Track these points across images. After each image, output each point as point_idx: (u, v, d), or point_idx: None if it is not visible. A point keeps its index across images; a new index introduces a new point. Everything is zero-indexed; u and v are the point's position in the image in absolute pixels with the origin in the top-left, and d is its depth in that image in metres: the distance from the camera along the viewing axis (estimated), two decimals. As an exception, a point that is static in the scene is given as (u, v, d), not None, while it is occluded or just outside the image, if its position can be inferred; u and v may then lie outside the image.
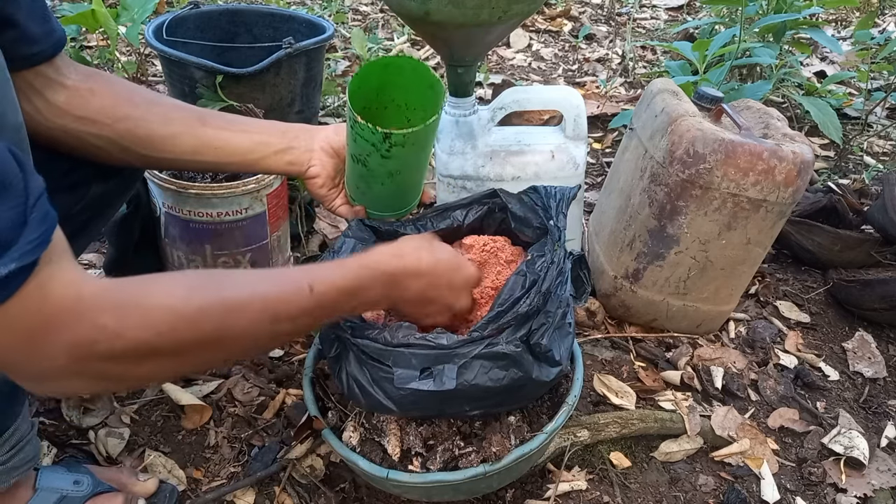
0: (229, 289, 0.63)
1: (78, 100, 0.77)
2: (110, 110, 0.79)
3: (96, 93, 0.79)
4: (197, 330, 0.58)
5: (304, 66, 1.58)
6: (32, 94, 0.75)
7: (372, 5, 3.11)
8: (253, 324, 0.62)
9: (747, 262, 1.18)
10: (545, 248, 0.83)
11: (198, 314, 0.58)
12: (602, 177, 1.83)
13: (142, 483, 0.93)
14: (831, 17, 3.19)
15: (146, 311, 0.55)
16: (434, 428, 0.84)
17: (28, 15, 0.70)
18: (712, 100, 1.17)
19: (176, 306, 0.57)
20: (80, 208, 0.84)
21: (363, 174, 0.85)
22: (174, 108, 0.85)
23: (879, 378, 1.28)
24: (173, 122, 0.83)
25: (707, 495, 1.04)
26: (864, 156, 2.03)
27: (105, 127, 0.79)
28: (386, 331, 0.75)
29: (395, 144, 0.77)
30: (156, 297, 0.57)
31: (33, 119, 0.75)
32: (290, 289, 0.65)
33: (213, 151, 0.85)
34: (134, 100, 0.82)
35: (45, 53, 0.74)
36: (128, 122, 0.80)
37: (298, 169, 0.89)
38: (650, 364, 1.24)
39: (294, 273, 0.69)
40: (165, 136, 0.82)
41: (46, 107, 0.76)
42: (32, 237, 0.48)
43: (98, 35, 2.37)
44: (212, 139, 0.84)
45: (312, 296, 0.65)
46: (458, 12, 1.01)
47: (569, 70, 2.61)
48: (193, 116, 0.85)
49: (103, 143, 0.80)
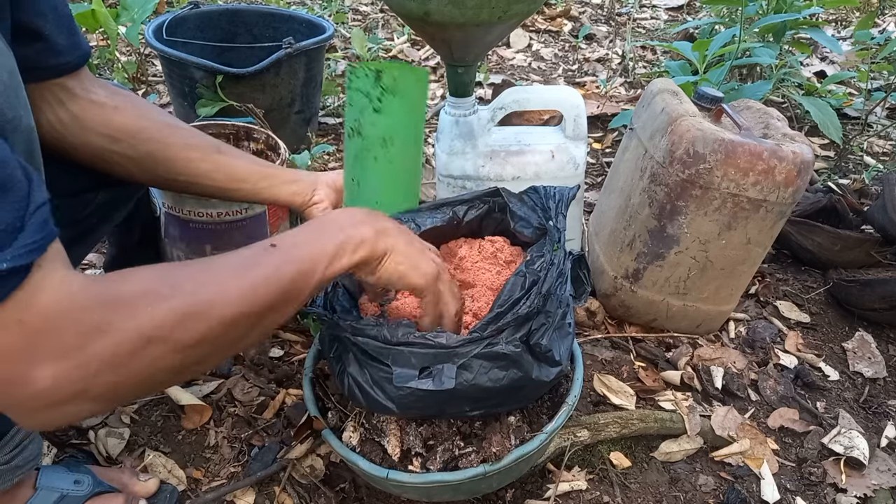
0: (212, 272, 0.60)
1: (103, 116, 0.81)
2: (136, 131, 0.83)
3: (121, 111, 0.82)
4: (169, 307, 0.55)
5: (304, 66, 1.58)
6: (58, 105, 0.78)
7: (372, 5, 3.11)
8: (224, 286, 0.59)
9: (747, 262, 1.18)
10: (545, 249, 0.83)
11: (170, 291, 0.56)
12: (602, 177, 1.83)
13: (142, 483, 0.93)
14: (831, 17, 3.19)
15: (132, 304, 0.54)
16: (434, 428, 0.84)
17: (55, 27, 0.73)
18: (712, 100, 1.17)
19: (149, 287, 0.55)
20: (88, 214, 0.86)
21: (357, 149, 0.87)
22: (193, 134, 0.91)
23: (879, 378, 1.28)
24: (192, 147, 0.88)
25: (707, 495, 1.04)
26: (864, 156, 2.03)
27: (129, 146, 0.83)
28: (385, 329, 0.75)
29: (386, 90, 0.81)
30: (137, 287, 0.55)
31: (56, 131, 0.79)
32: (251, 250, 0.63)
33: (225, 176, 0.90)
34: (157, 122, 0.86)
35: (70, 65, 0.77)
36: (151, 143, 0.84)
37: (302, 198, 0.94)
38: (650, 364, 1.24)
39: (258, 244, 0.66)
40: (184, 158, 0.87)
41: (71, 120, 0.79)
42: (28, 241, 0.48)
43: (98, 35, 2.37)
44: (225, 165, 0.90)
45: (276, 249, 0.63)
46: (458, 12, 1.01)
47: (569, 70, 2.61)
48: (211, 144, 0.91)
49: (125, 161, 0.84)
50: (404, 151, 0.89)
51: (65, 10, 0.76)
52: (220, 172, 0.89)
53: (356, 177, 0.89)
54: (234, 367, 1.17)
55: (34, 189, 0.49)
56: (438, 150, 1.27)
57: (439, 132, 1.28)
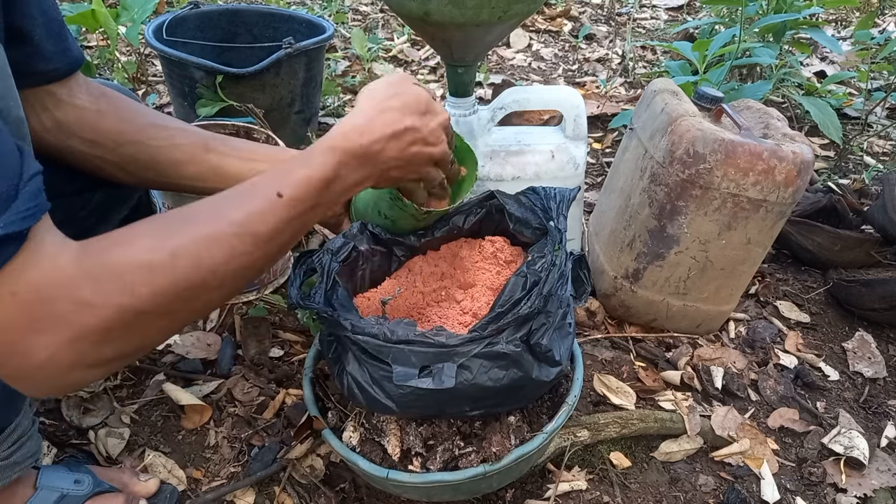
0: (195, 222, 0.60)
1: (85, 122, 0.78)
2: (115, 134, 0.80)
3: (103, 114, 0.79)
4: (175, 275, 0.56)
5: (304, 66, 1.58)
6: (43, 112, 0.76)
7: (372, 5, 3.11)
8: (232, 250, 0.59)
9: (747, 262, 1.18)
10: (545, 250, 0.83)
11: (171, 259, 0.56)
12: (602, 177, 1.83)
13: (143, 483, 0.93)
14: (831, 17, 3.19)
15: (119, 274, 0.53)
16: (434, 428, 0.84)
17: (44, 32, 0.71)
18: (712, 100, 1.17)
19: (146, 258, 0.55)
20: (86, 213, 0.85)
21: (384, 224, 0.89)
22: (180, 132, 0.85)
23: (879, 378, 1.28)
24: (178, 147, 0.83)
25: (707, 495, 1.04)
26: (864, 156, 2.03)
27: (108, 150, 0.80)
28: (385, 327, 0.75)
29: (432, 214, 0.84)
30: (124, 255, 0.55)
31: (43, 138, 0.77)
32: (259, 204, 0.62)
33: (215, 179, 0.84)
34: (138, 124, 0.82)
35: (58, 72, 0.75)
36: (131, 146, 0.81)
37: None
38: (650, 364, 1.24)
39: (259, 185, 0.64)
40: (169, 161, 0.83)
41: (55, 125, 0.77)
42: (22, 208, 0.48)
43: (98, 35, 2.37)
44: (215, 167, 0.84)
45: (285, 201, 0.63)
46: (458, 12, 1.01)
47: (569, 70, 2.61)
48: (199, 142, 0.84)
49: (106, 166, 0.81)
50: None
51: (55, 14, 0.73)
52: (208, 174, 0.85)
53: (373, 221, 0.92)
54: (234, 367, 1.17)
55: (26, 160, 0.50)
56: (438, 150, 1.27)
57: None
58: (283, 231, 0.64)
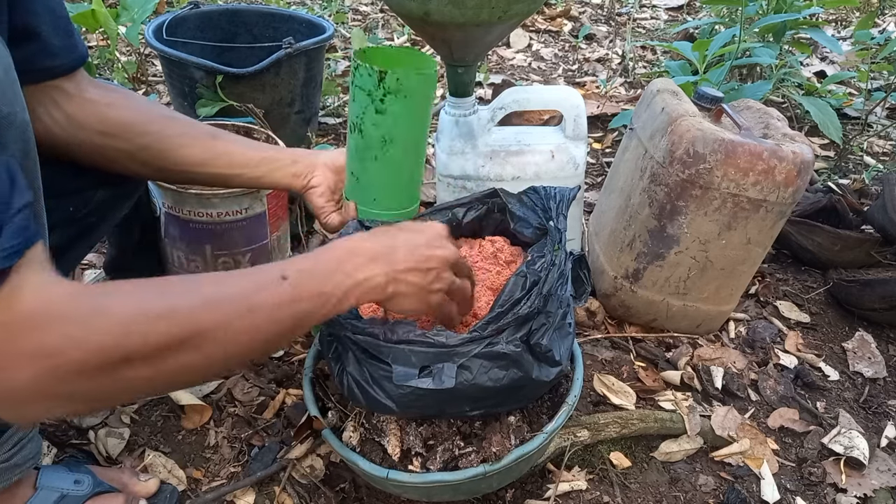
0: (199, 284, 0.60)
1: (97, 113, 0.81)
2: (129, 125, 0.84)
3: (114, 106, 0.83)
4: (167, 326, 0.54)
5: (304, 66, 1.58)
6: (53, 106, 0.78)
7: (372, 5, 3.11)
8: (227, 316, 0.58)
9: (747, 262, 1.18)
10: (545, 249, 0.83)
11: (167, 311, 0.55)
12: (602, 177, 1.83)
13: (143, 483, 0.93)
14: (831, 17, 3.19)
15: (112, 315, 0.53)
16: (434, 428, 0.84)
17: (50, 28, 0.73)
18: (712, 100, 1.17)
19: (143, 306, 0.54)
20: (87, 212, 0.86)
21: (358, 145, 0.87)
22: (189, 124, 0.91)
23: (879, 378, 1.28)
24: (187, 136, 0.88)
25: (707, 495, 1.04)
26: (864, 156, 2.03)
27: (123, 140, 0.83)
28: (385, 327, 0.75)
29: (389, 91, 0.81)
30: (122, 300, 0.55)
31: (51, 131, 0.79)
32: (261, 278, 0.63)
33: (222, 163, 0.89)
34: (151, 115, 0.87)
35: (65, 67, 0.77)
36: (146, 136, 0.85)
37: (301, 181, 0.93)
38: (650, 364, 1.24)
39: (266, 267, 0.65)
40: (179, 149, 0.87)
41: (66, 119, 0.79)
42: (6, 245, 0.47)
43: (98, 35, 2.37)
44: (222, 152, 0.89)
45: (287, 283, 0.62)
46: (458, 12, 1.01)
47: (569, 70, 2.61)
48: (207, 132, 0.91)
49: (121, 156, 0.84)
50: (405, 152, 0.88)
51: (61, 11, 0.76)
52: (218, 160, 0.89)
53: (356, 172, 0.89)
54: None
55: (16, 192, 0.49)
56: (438, 151, 1.27)
57: (439, 132, 1.28)
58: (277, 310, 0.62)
